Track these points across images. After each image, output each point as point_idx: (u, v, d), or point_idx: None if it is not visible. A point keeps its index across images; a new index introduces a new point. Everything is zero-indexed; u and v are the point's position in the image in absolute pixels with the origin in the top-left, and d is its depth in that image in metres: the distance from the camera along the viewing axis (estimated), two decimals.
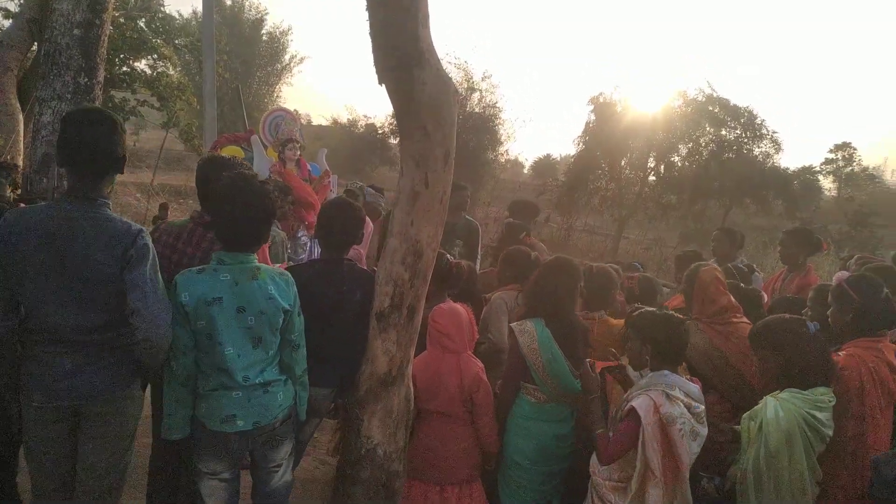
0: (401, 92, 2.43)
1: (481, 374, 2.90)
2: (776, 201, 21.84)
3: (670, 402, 2.41)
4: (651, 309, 2.71)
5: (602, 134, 18.88)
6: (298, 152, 5.56)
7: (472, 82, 21.21)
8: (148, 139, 26.91)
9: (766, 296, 3.89)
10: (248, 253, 2.35)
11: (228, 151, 5.64)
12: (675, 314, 2.61)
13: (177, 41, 14.49)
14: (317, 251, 5.16)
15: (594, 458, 2.66)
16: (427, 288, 2.80)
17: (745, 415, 2.59)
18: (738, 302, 3.24)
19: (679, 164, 19.79)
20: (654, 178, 19.98)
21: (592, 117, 19.51)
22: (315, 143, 17.31)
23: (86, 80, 4.62)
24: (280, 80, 30.16)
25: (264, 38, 28.82)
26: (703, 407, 2.50)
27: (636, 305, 3.38)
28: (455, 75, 20.98)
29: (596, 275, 3.39)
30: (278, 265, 3.04)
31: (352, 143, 28.22)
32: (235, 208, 2.27)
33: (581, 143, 19.88)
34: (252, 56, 27.72)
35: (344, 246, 2.95)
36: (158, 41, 13.50)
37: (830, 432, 2.45)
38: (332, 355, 2.77)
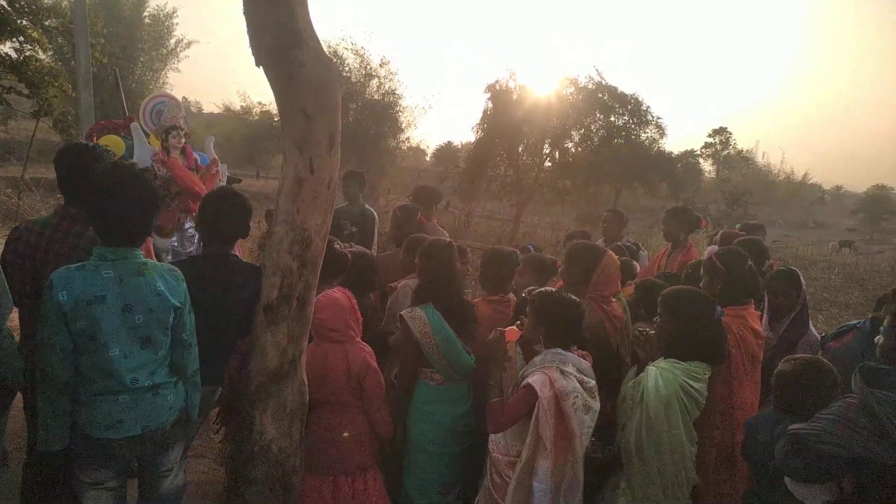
0: (279, 73, 2.33)
1: (369, 360, 2.85)
2: (662, 184, 23.17)
3: (564, 377, 2.49)
4: (550, 289, 2.78)
5: (500, 121, 19.17)
6: (183, 140, 5.26)
7: (370, 69, 20.96)
8: (18, 129, 24.69)
9: (638, 266, 4.16)
10: (132, 247, 2.20)
11: (107, 141, 5.26)
12: (573, 297, 2.67)
13: (46, 23, 13.31)
14: None
15: (493, 436, 2.71)
16: (318, 278, 2.73)
17: (629, 384, 2.73)
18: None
19: (573, 149, 20.47)
20: (549, 163, 20.57)
21: (490, 105, 19.79)
22: (207, 131, 16.50)
23: None
24: (166, 65, 28.51)
25: (147, 20, 27.06)
26: (595, 382, 2.60)
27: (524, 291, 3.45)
28: (352, 61, 20.67)
29: (495, 259, 3.44)
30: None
31: (247, 130, 27.21)
32: (117, 199, 2.12)
33: (480, 131, 20.12)
34: (133, 40, 25.98)
35: (230, 240, 2.83)
36: (24, 22, 12.37)
37: (705, 400, 2.63)
38: (219, 352, 2.64)
